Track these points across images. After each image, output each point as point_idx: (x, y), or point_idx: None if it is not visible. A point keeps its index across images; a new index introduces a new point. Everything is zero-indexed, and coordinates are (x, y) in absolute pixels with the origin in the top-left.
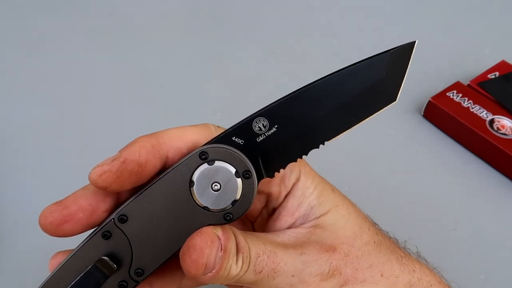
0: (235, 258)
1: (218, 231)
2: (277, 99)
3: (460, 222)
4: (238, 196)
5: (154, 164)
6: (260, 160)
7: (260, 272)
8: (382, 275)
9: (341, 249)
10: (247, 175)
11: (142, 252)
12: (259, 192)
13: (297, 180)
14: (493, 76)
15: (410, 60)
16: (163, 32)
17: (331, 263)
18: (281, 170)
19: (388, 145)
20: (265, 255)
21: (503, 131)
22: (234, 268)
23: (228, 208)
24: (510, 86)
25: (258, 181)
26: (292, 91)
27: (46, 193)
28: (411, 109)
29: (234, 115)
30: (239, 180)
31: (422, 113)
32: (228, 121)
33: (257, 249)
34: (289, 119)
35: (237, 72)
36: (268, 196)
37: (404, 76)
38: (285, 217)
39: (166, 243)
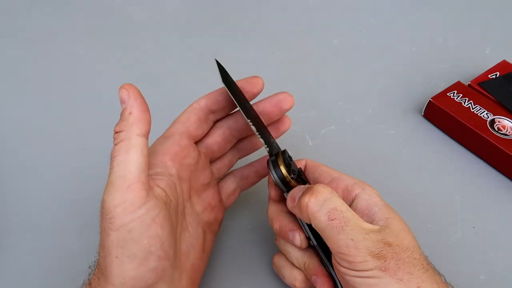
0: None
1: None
2: None
3: (460, 222)
4: None
5: None
6: None
7: (332, 220)
8: (418, 287)
9: (395, 246)
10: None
11: None
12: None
13: (361, 190)
14: (493, 76)
15: None
16: (163, 32)
17: (382, 249)
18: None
19: (388, 145)
20: (340, 213)
21: (503, 131)
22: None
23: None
24: (511, 86)
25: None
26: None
27: (46, 193)
28: (411, 109)
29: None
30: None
31: (422, 113)
32: None
33: (336, 204)
34: None
35: (237, 72)
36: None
37: None
38: (356, 211)
39: None
